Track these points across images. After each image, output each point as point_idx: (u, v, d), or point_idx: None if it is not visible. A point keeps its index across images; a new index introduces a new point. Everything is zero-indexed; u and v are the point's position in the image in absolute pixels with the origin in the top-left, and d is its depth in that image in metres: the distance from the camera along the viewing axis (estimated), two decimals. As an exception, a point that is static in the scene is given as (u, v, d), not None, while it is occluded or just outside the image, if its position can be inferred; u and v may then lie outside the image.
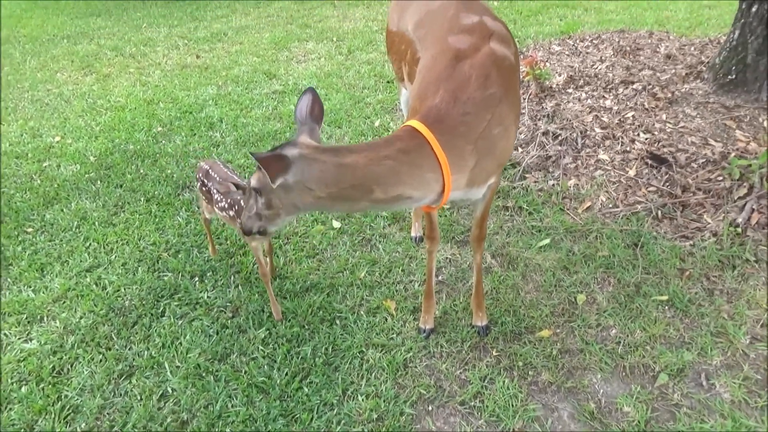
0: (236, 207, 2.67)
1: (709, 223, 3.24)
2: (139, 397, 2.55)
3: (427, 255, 2.66)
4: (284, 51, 6.90)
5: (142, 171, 4.37)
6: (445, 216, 3.55)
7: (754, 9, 3.90)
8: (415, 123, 2.00)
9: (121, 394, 2.58)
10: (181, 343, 2.81)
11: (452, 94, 2.01)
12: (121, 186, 4.21)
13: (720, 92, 4.18)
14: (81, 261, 3.43)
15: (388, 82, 5.68)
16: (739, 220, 3.17)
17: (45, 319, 3.04)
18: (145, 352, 2.78)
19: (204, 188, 2.90)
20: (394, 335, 2.77)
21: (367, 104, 5.20)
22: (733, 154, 3.55)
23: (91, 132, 5.08)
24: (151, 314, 3.01)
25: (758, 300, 2.80)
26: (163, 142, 4.81)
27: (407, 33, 2.78)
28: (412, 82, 2.68)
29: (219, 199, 2.76)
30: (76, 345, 2.84)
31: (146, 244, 3.54)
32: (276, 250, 3.35)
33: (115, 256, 3.46)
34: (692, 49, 5.42)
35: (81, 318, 3.01)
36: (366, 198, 1.97)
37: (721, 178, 3.45)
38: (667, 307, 2.81)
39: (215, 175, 2.81)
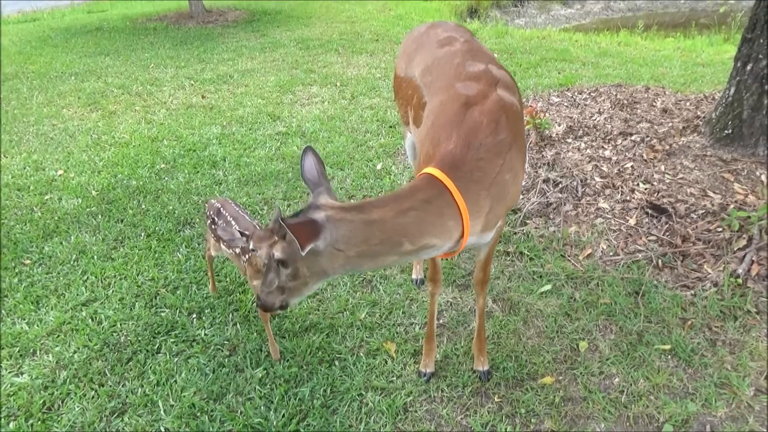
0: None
1: (709, 273, 3.25)
2: (130, 436, 2.48)
3: (429, 297, 2.65)
4: (288, 94, 7.03)
5: (143, 206, 4.38)
6: (446, 259, 3.55)
7: (749, 67, 4.02)
8: (433, 170, 2.00)
9: (112, 432, 2.51)
10: (176, 381, 2.75)
11: (465, 139, 2.04)
12: (121, 221, 4.20)
13: (717, 146, 4.26)
14: (78, 294, 3.39)
15: (390, 126, 5.77)
16: (740, 271, 3.18)
17: (38, 352, 2.98)
18: (139, 390, 2.72)
19: (213, 226, 2.89)
20: (394, 378, 2.73)
21: (369, 148, 5.27)
22: (731, 206, 3.60)
23: (94, 167, 5.11)
24: (147, 351, 2.96)
25: (761, 352, 2.78)
26: (166, 178, 4.84)
27: (414, 79, 2.85)
28: (417, 126, 2.73)
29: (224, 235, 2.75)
30: (68, 380, 2.78)
31: (145, 280, 3.51)
32: (276, 289, 3.32)
33: (113, 291, 3.43)
34: (688, 104, 5.56)
35: (75, 352, 2.96)
36: (395, 252, 1.95)
37: (720, 229, 3.48)
38: (669, 357, 2.78)
39: (226, 214, 2.81)
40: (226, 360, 2.87)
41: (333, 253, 1.88)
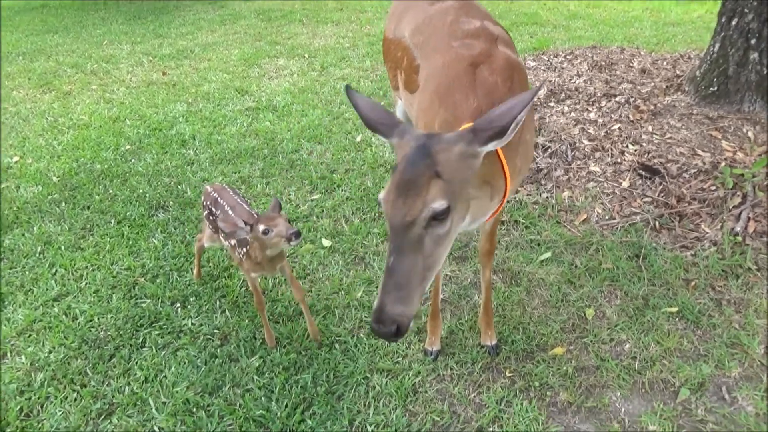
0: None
1: (707, 233, 3.20)
2: (122, 439, 2.29)
3: (434, 272, 2.51)
4: (255, 67, 6.71)
5: (111, 191, 4.10)
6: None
7: (734, 22, 3.96)
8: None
9: (101, 436, 2.32)
10: (165, 377, 2.56)
11: (486, 98, 1.89)
12: (88, 207, 3.92)
13: (702, 104, 4.22)
14: (47, 289, 3.13)
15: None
16: (737, 228, 3.15)
17: (8, 354, 2.74)
18: (126, 388, 2.52)
19: (211, 217, 2.65)
20: (400, 358, 2.60)
21: (346, 120, 5.06)
22: (722, 164, 3.55)
23: (53, 151, 4.76)
24: (130, 345, 2.75)
25: (766, 309, 2.75)
26: (133, 160, 4.54)
27: (404, 39, 2.67)
28: (409, 90, 2.56)
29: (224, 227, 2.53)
30: (46, 383, 2.55)
31: (120, 269, 3.27)
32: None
33: (86, 283, 3.18)
34: (665, 63, 5.52)
35: (50, 352, 2.73)
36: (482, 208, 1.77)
37: (714, 187, 3.43)
38: (677, 319, 2.73)
39: (224, 203, 2.58)
40: (218, 350, 2.68)
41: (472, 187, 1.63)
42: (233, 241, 2.44)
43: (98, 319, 2.92)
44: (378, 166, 4.19)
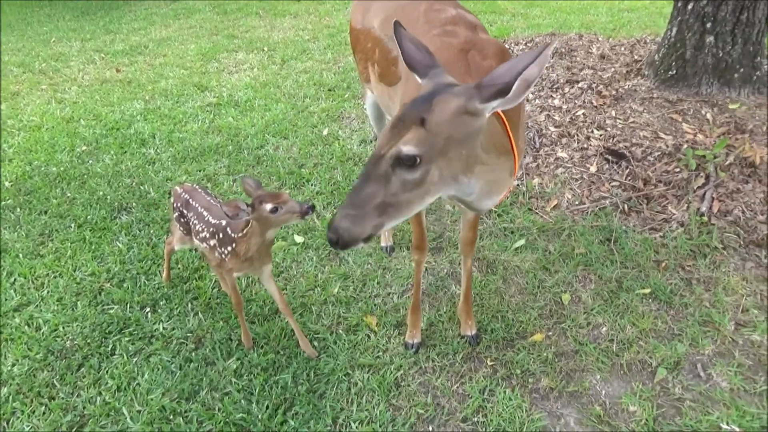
0: (220, 235, 2.35)
1: (674, 214, 3.27)
2: (96, 452, 2.20)
3: (415, 266, 2.48)
4: (213, 62, 6.54)
5: (68, 194, 3.92)
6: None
7: (690, 6, 4.04)
8: None
9: (73, 451, 2.22)
10: (139, 384, 2.47)
11: None
12: (45, 212, 3.75)
13: (662, 87, 4.30)
14: (6, 299, 2.98)
15: (329, 90, 5.48)
16: (703, 209, 3.22)
17: (-32, 370, 2.60)
18: (97, 398, 2.42)
19: (183, 219, 2.54)
20: (380, 353, 2.57)
21: (311, 113, 4.98)
22: (684, 146, 3.64)
23: (4, 155, 4.53)
24: (99, 354, 2.64)
25: (733, 286, 2.83)
26: (90, 162, 4.37)
27: (374, 30, 2.62)
28: (386, 83, 2.51)
29: (200, 229, 2.42)
30: (11, 397, 2.43)
31: (83, 275, 3.14)
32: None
33: (48, 291, 3.04)
34: (623, 48, 5.61)
35: (13, 365, 2.59)
36: (479, 168, 1.70)
37: (678, 169, 3.51)
38: (651, 300, 2.78)
39: (197, 205, 2.47)
40: (193, 354, 2.60)
41: (477, 142, 1.58)
42: (213, 242, 2.35)
43: (63, 328, 2.79)
44: (347, 159, 4.14)
